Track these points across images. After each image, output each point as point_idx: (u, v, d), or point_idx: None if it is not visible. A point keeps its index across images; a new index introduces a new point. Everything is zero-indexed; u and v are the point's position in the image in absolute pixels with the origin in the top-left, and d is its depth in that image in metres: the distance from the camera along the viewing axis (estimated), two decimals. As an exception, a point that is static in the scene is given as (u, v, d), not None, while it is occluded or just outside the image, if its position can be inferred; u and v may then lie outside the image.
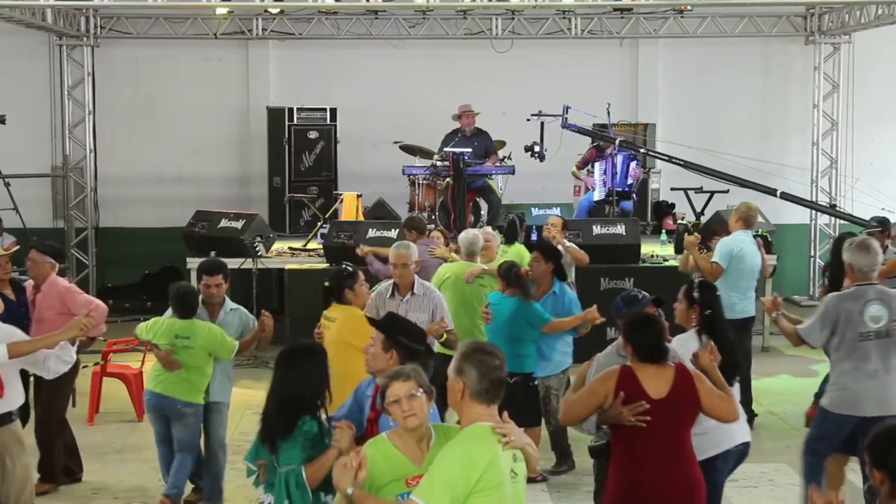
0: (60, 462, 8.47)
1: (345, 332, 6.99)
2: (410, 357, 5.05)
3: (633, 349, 5.47)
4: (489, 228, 10.48)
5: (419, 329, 5.55)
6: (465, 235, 9.64)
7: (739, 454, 6.07)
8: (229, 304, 7.83)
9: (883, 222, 10.38)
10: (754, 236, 10.26)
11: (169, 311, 7.71)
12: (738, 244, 9.83)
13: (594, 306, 8.24)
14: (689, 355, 5.91)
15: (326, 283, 7.45)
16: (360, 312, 7.20)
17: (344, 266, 7.74)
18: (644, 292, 6.32)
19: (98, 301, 8.50)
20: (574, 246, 10.69)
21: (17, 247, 8.84)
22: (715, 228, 11.41)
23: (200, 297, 7.71)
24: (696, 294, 6.35)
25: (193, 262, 13.65)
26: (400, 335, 5.19)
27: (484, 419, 4.24)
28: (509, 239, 10.99)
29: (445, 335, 7.81)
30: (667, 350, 5.52)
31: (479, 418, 4.24)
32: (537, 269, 8.54)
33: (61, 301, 8.22)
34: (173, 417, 7.60)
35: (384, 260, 9.55)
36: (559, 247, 9.73)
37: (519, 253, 10.22)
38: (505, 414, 4.33)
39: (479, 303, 8.79)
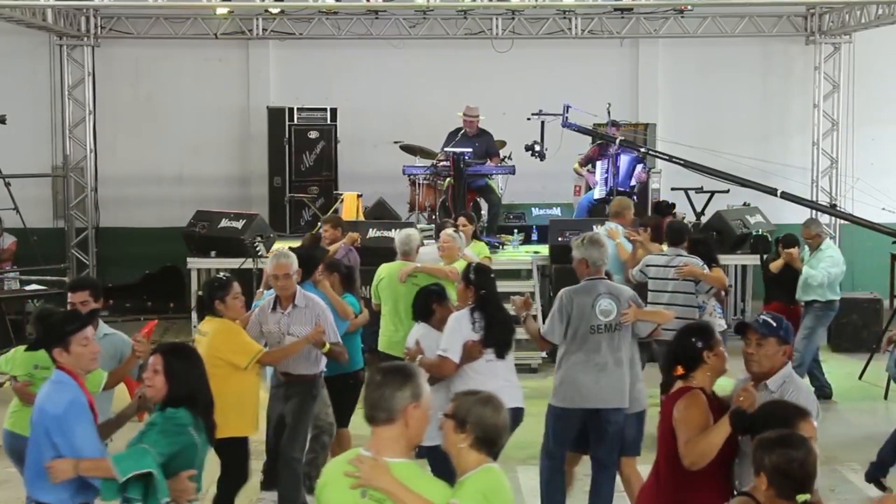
0: None
1: (215, 346, 6.74)
2: None
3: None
4: (450, 230, 10.22)
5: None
6: (399, 235, 9.68)
7: (513, 417, 5.99)
8: (103, 328, 6.68)
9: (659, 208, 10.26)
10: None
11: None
12: None
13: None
14: (463, 331, 6.69)
15: (199, 293, 7.21)
16: (231, 325, 6.97)
17: (217, 276, 7.30)
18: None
19: None
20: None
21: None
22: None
23: None
24: (471, 276, 6.98)
25: (194, 263, 13.74)
26: None
27: (368, 444, 4.11)
28: None
29: (328, 346, 7.44)
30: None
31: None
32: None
33: None
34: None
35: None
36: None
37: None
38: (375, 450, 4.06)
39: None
